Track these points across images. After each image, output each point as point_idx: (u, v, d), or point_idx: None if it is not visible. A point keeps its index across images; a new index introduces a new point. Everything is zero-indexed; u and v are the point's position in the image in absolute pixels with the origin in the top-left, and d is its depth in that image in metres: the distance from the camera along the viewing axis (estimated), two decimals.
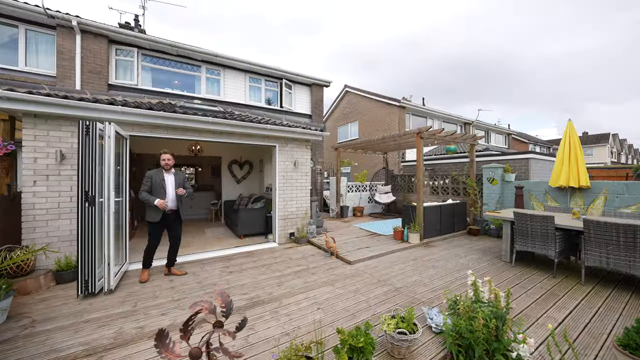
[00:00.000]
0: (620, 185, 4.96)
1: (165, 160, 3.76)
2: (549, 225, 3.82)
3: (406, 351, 2.08)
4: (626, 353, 1.80)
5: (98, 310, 2.84)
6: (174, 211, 3.86)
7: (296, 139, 5.82)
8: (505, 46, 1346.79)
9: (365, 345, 1.74)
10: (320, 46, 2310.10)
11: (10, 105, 3.36)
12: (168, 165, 3.78)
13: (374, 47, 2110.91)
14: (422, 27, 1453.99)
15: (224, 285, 3.53)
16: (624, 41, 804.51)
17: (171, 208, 3.78)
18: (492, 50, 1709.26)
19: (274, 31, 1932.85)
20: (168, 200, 3.70)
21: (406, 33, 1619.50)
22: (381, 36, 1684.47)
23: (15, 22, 5.92)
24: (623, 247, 3.22)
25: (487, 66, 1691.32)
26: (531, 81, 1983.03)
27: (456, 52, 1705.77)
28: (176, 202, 3.86)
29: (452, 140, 6.49)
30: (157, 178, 3.70)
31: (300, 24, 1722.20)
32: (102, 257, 3.25)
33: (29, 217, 3.53)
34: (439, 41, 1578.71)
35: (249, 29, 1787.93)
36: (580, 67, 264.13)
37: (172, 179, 3.81)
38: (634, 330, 1.83)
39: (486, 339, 2.06)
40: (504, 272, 4.01)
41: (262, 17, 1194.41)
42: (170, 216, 3.81)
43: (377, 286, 3.48)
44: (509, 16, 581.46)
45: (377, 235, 6.23)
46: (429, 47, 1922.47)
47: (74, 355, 2.12)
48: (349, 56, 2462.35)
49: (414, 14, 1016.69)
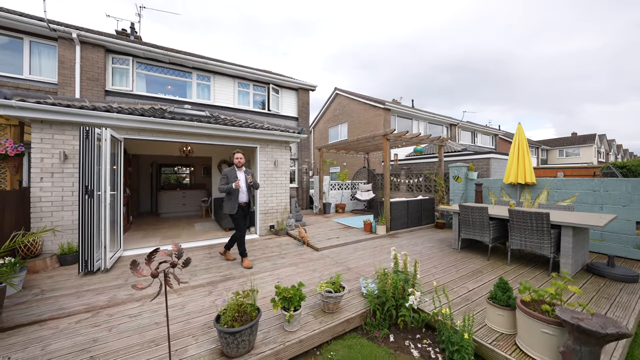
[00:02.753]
0: (559, 181, 5.61)
1: (237, 159, 4.22)
2: (484, 215, 4.45)
3: (334, 306, 2.70)
4: (490, 302, 2.43)
5: (95, 284, 3.44)
6: (247, 204, 4.27)
7: (276, 141, 6.44)
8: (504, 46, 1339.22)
9: (293, 295, 2.35)
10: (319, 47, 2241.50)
11: (21, 113, 3.96)
12: (240, 163, 4.22)
13: (373, 48, 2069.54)
14: (420, 28, 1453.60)
15: (205, 266, 4.13)
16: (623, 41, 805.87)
17: (245, 201, 4.21)
18: (491, 51, 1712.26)
19: (272, 32, 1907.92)
20: (241, 193, 4.14)
21: (405, 34, 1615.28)
22: (380, 37, 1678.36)
23: (20, 35, 6.51)
24: (535, 232, 3.86)
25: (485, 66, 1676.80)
26: (529, 82, 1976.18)
27: (455, 52, 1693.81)
28: (248, 195, 4.27)
29: (418, 141, 7.12)
30: (232, 175, 4.14)
31: (299, 24, 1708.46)
32: (99, 241, 3.85)
33: (36, 208, 4.12)
34: (437, 42, 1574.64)
35: (247, 30, 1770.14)
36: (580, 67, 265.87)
37: (243, 175, 4.24)
38: (496, 287, 2.46)
39: (395, 297, 2.70)
40: (448, 256, 4.63)
41: (260, 18, 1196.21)
42: (245, 208, 4.25)
43: (334, 267, 4.10)
44: (508, 16, 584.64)
45: (351, 228, 6.85)
46: (427, 48, 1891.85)
47: (77, 311, 2.73)
48: (348, 57, 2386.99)
49: (413, 15, 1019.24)
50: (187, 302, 2.97)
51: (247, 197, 4.27)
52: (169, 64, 8.38)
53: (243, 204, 4.22)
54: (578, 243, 3.81)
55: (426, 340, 2.47)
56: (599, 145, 31.37)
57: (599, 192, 5.05)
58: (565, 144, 31.52)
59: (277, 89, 10.34)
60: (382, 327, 2.60)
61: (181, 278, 3.66)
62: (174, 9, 71.47)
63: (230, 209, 4.12)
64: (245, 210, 4.28)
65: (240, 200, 4.17)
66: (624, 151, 46.51)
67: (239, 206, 4.14)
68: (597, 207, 5.04)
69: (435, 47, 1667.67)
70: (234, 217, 4.17)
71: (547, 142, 33.20)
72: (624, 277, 3.56)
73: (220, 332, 1.99)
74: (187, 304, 2.92)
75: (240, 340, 2.00)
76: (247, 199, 4.27)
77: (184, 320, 2.56)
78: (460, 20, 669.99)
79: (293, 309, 2.34)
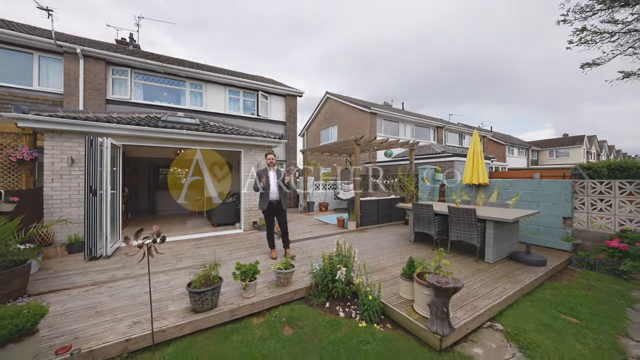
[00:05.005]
0: (506, 182, 6.35)
1: (269, 159, 4.60)
2: (430, 211, 5.20)
3: (285, 280, 3.45)
4: (401, 277, 3.17)
5: (99, 266, 4.19)
6: (277, 201, 4.53)
7: (258, 145, 7.18)
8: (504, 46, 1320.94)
9: (249, 270, 3.10)
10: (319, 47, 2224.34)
11: (36, 125, 4.71)
12: (272, 163, 4.60)
13: (372, 49, 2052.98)
14: (420, 29, 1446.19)
15: (191, 254, 4.88)
16: None
17: (275, 199, 4.50)
18: (490, 51, 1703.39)
19: (271, 32, 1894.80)
20: (272, 192, 4.44)
21: (404, 34, 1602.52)
22: (379, 38, 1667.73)
23: (30, 51, 7.27)
24: (467, 225, 4.61)
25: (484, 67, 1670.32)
26: (529, 82, 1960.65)
27: (454, 52, 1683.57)
28: (278, 194, 4.52)
29: (388, 146, 7.87)
30: (262, 174, 4.49)
31: (298, 25, 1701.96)
32: (101, 232, 4.60)
33: (48, 205, 4.88)
34: (436, 42, 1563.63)
35: (247, 30, 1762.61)
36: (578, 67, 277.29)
37: (274, 174, 4.58)
38: (406, 265, 3.20)
39: (333, 273, 3.45)
40: (401, 247, 5.38)
41: (260, 19, 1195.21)
42: (275, 205, 4.54)
43: (299, 255, 4.85)
44: (508, 16, 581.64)
45: (327, 224, 7.61)
46: (425, 49, 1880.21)
47: (85, 284, 3.49)
48: (347, 57, 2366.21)
49: (413, 15, 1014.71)
50: (172, 279, 3.72)
51: (278, 196, 4.52)
52: (164, 74, 9.12)
53: (274, 201, 4.51)
54: (501, 234, 4.56)
55: (353, 306, 3.21)
56: (588, 147, 32.04)
57: (537, 192, 5.79)
58: (556, 145, 32.20)
59: (266, 95, 11.08)
60: (321, 296, 3.35)
61: (168, 262, 4.43)
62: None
63: (262, 206, 4.51)
64: (277, 208, 4.57)
65: (270, 198, 4.47)
66: (617, 152, 47.19)
67: (269, 204, 4.47)
68: (534, 204, 5.77)
69: (435, 46, 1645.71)
70: (265, 214, 4.54)
71: (538, 143, 33.90)
72: (535, 261, 4.31)
73: (190, 292, 2.75)
74: (171, 280, 3.67)
75: (204, 299, 2.75)
76: (277, 197, 4.52)
77: (167, 291, 3.31)
78: (464, 17, 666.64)
79: (249, 280, 3.09)
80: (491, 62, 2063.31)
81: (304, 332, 2.68)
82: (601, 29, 4.94)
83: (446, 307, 2.42)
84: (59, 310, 2.80)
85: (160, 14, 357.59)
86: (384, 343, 2.49)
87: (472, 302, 3.01)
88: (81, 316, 2.71)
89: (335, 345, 2.45)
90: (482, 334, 2.69)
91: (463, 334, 2.59)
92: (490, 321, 2.91)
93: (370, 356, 2.31)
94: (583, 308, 3.19)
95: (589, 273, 4.36)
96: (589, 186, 5.13)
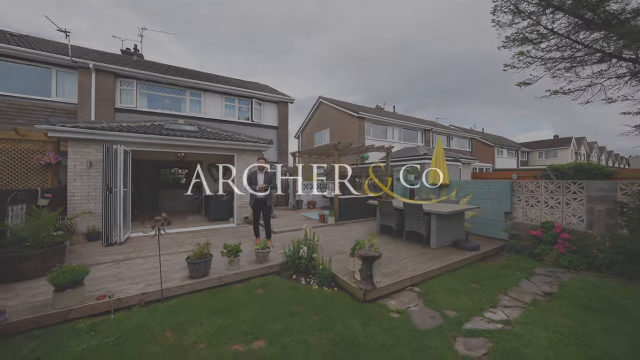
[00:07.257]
0: (462, 182, 7.33)
1: (260, 163, 5.43)
2: (391, 207, 6.18)
3: (262, 258, 4.44)
4: (349, 255, 4.15)
5: (115, 250, 5.17)
6: (263, 199, 5.38)
7: (249, 150, 8.17)
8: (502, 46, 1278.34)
9: (233, 248, 4.09)
10: (318, 48, 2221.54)
11: (61, 134, 5.70)
12: (262, 167, 5.41)
13: (372, 49, 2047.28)
14: (418, 29, 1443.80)
15: (189, 242, 5.86)
16: None
17: (261, 197, 5.32)
18: (490, 51, 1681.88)
19: (271, 33, 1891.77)
20: (259, 191, 5.27)
21: (403, 35, 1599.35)
22: (378, 38, 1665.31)
23: (49, 66, 8.26)
24: (416, 218, 5.59)
25: (484, 66, 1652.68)
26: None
27: (453, 52, 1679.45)
28: (264, 194, 5.33)
29: (365, 150, 8.85)
30: (253, 176, 5.37)
31: (297, 25, 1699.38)
32: (116, 223, 5.59)
33: (71, 201, 5.86)
34: (435, 42, 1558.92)
35: (246, 30, 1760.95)
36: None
37: (262, 177, 5.39)
38: (354, 246, 4.17)
39: (299, 253, 4.42)
40: (367, 237, 6.33)
41: (261, 19, 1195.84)
42: (262, 203, 5.40)
43: (278, 242, 5.83)
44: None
45: (310, 219, 8.59)
46: (424, 48, 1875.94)
47: (106, 262, 4.48)
48: (346, 57, 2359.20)
49: (412, 15, 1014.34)
50: (174, 258, 4.71)
51: (263, 195, 5.37)
52: (166, 84, 10.11)
53: (260, 199, 5.37)
54: (444, 225, 5.53)
55: (313, 278, 4.18)
56: (577, 148, 33.01)
57: (485, 191, 6.77)
58: (545, 146, 33.19)
59: (260, 102, 12.07)
60: (290, 270, 4.33)
61: (171, 248, 5.41)
62: (171, 29, 74.20)
63: (251, 202, 5.47)
64: (262, 204, 5.44)
65: (257, 196, 5.33)
66: (608, 153, 48.09)
67: (256, 201, 5.38)
68: (483, 201, 6.75)
69: (434, 45, 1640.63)
70: (253, 209, 5.50)
71: (528, 145, 34.87)
72: (470, 247, 5.29)
73: (188, 263, 3.74)
74: (174, 259, 4.66)
75: (199, 268, 3.73)
76: (263, 196, 5.34)
77: (171, 266, 4.30)
78: (463, 17, 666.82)
79: (233, 256, 4.08)
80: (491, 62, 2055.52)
81: (271, 291, 3.67)
82: (534, 55, 5.92)
83: (369, 270, 3.40)
84: (92, 277, 3.79)
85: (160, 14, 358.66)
86: (327, 297, 3.48)
87: (401, 273, 3.99)
88: (108, 280, 3.71)
89: (291, 298, 3.43)
90: (402, 294, 3.67)
91: (385, 292, 3.57)
92: (412, 287, 3.89)
93: (313, 302, 3.30)
94: (488, 279, 4.17)
95: (514, 256, 5.34)
96: (524, 185, 6.11)
